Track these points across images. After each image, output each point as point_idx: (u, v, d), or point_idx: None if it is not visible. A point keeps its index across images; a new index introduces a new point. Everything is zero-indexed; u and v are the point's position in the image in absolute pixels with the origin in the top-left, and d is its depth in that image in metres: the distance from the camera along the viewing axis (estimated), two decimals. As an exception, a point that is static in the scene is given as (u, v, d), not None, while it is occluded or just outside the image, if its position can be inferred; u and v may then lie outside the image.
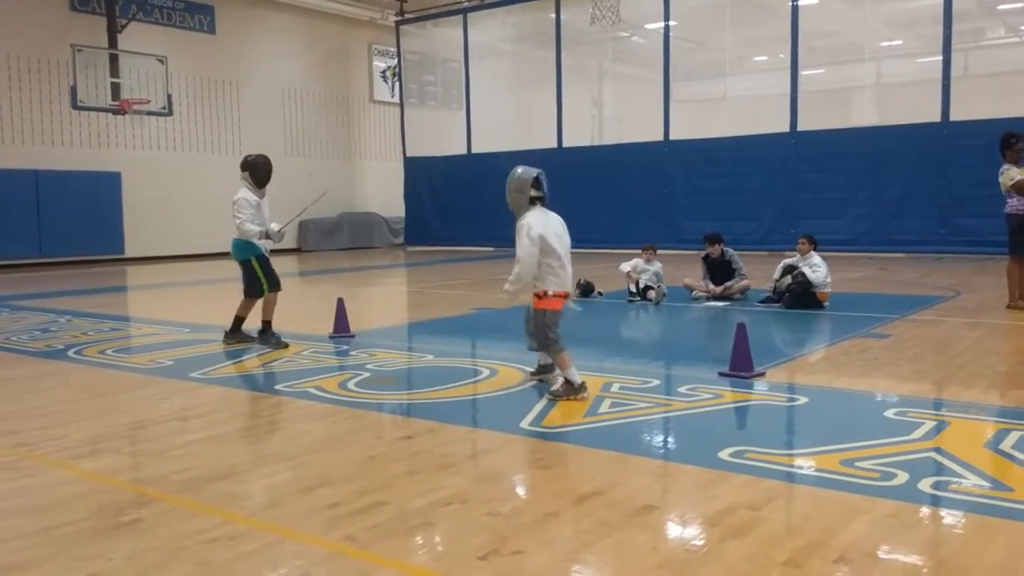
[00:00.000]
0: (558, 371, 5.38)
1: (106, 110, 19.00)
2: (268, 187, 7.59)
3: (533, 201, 5.48)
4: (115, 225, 20.33)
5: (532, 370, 5.92)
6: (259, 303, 7.59)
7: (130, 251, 20.64)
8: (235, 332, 7.65)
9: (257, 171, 7.47)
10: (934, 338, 7.38)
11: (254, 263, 7.52)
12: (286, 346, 7.29)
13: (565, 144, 21.51)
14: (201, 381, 6.13)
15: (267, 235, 7.43)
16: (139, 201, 20.74)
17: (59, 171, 19.29)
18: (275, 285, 7.63)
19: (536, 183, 5.48)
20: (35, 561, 3.02)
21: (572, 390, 5.21)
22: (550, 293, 5.39)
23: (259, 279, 7.53)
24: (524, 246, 5.31)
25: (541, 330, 5.39)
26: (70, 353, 7.42)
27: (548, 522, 3.28)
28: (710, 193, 18.95)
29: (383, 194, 26.58)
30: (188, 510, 3.49)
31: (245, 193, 7.42)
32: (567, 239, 5.57)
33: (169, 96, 19.60)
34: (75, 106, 18.35)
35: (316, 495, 3.65)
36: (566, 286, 5.47)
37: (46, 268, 18.59)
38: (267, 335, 7.44)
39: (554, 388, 5.29)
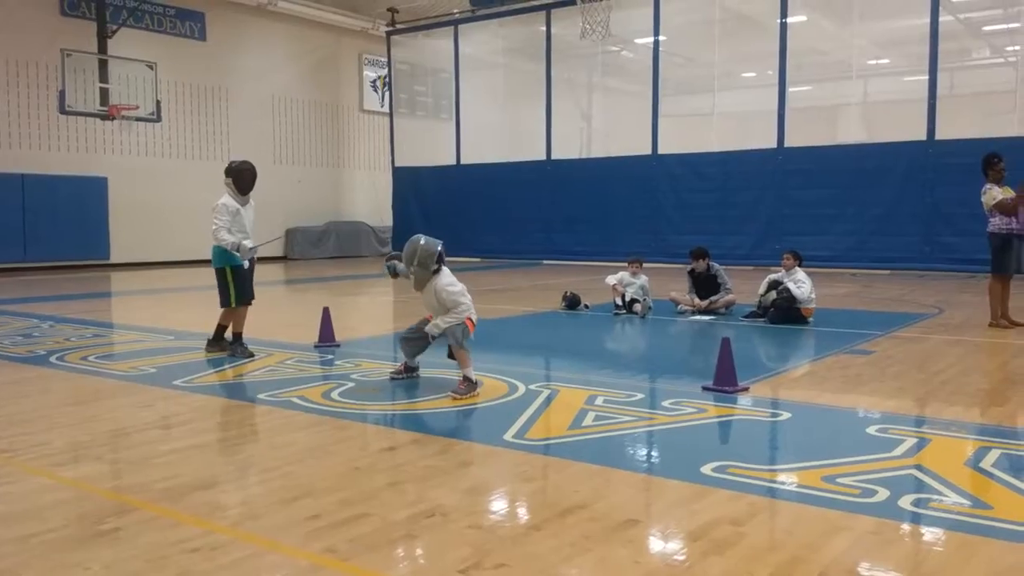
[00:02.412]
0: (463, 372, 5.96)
1: (94, 115, 18.93)
2: (256, 194, 7.56)
3: (436, 271, 6.04)
4: (101, 230, 20.26)
5: (395, 370, 6.47)
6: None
7: (115, 257, 20.56)
8: (217, 340, 7.62)
9: (240, 178, 7.37)
10: (917, 355, 7.43)
11: (228, 273, 7.40)
12: (251, 356, 7.26)
13: (554, 156, 21.60)
14: (184, 389, 6.10)
15: (237, 249, 7.28)
16: (125, 207, 20.67)
17: (46, 175, 19.22)
18: (244, 299, 7.50)
19: (440, 257, 6.04)
20: (12, 569, 2.99)
21: (470, 386, 5.81)
22: (473, 320, 6.19)
23: (228, 290, 7.44)
24: (457, 297, 6.07)
25: (461, 338, 6.03)
26: (52, 359, 7.36)
27: (530, 535, 3.28)
28: (697, 207, 19.06)
29: (371, 204, 26.58)
30: (169, 519, 3.47)
31: (226, 199, 7.34)
32: None
33: (158, 102, 19.55)
34: (63, 111, 18.26)
35: (298, 506, 3.63)
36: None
37: (30, 272, 18.47)
38: (235, 346, 7.39)
39: (459, 390, 5.80)
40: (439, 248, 6.04)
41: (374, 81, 27.41)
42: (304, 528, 3.36)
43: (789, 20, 17.92)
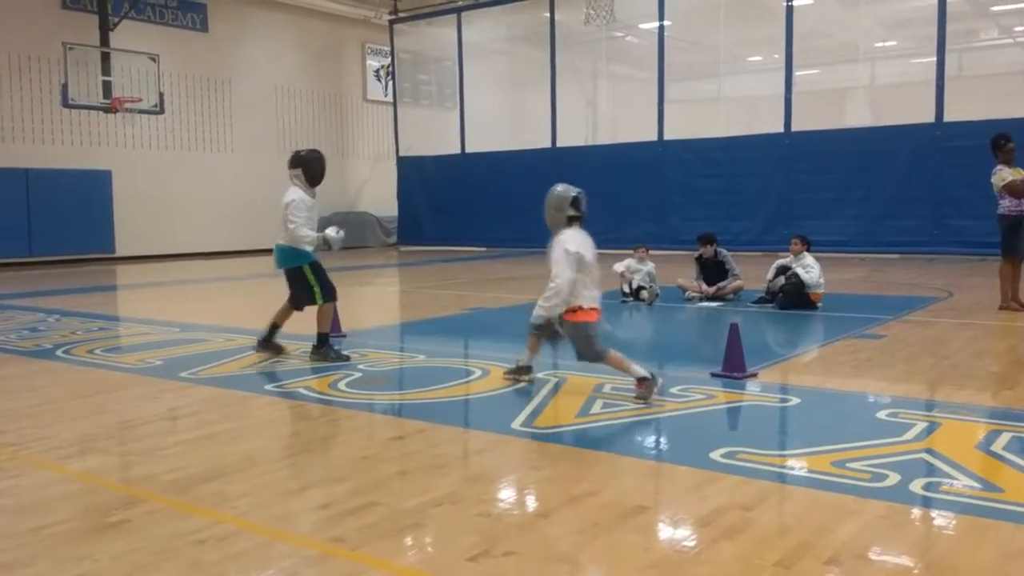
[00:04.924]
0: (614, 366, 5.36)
1: (97, 108, 18.90)
2: (260, 186, 7.39)
3: (570, 221, 5.58)
4: (105, 224, 20.25)
5: (507, 369, 5.94)
6: (307, 312, 6.89)
7: (120, 250, 20.56)
8: (268, 342, 6.90)
9: (311, 167, 6.77)
10: (927, 339, 7.38)
11: (307, 271, 6.74)
12: (347, 359, 6.61)
13: (559, 144, 21.52)
14: (191, 381, 6.09)
15: (326, 243, 6.71)
16: (130, 200, 20.65)
17: (49, 169, 19.19)
18: (330, 294, 6.80)
19: (575, 203, 5.58)
20: (22, 561, 2.99)
21: (649, 384, 5.18)
22: (584, 307, 5.43)
23: (312, 289, 6.74)
24: (560, 263, 5.38)
25: (585, 342, 5.43)
26: (59, 352, 7.37)
27: (539, 523, 3.27)
28: (704, 193, 18.97)
29: (376, 193, 26.53)
30: (177, 511, 3.47)
31: (299, 194, 6.69)
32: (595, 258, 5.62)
33: (161, 94, 19.50)
34: (66, 104, 18.24)
35: (306, 496, 3.63)
36: (597, 301, 5.52)
37: (36, 267, 18.51)
38: (324, 349, 6.64)
39: (638, 393, 5.21)
40: (574, 194, 5.55)
41: (377, 70, 27.31)
42: (312, 517, 3.36)
43: (795, 3, 17.77)
